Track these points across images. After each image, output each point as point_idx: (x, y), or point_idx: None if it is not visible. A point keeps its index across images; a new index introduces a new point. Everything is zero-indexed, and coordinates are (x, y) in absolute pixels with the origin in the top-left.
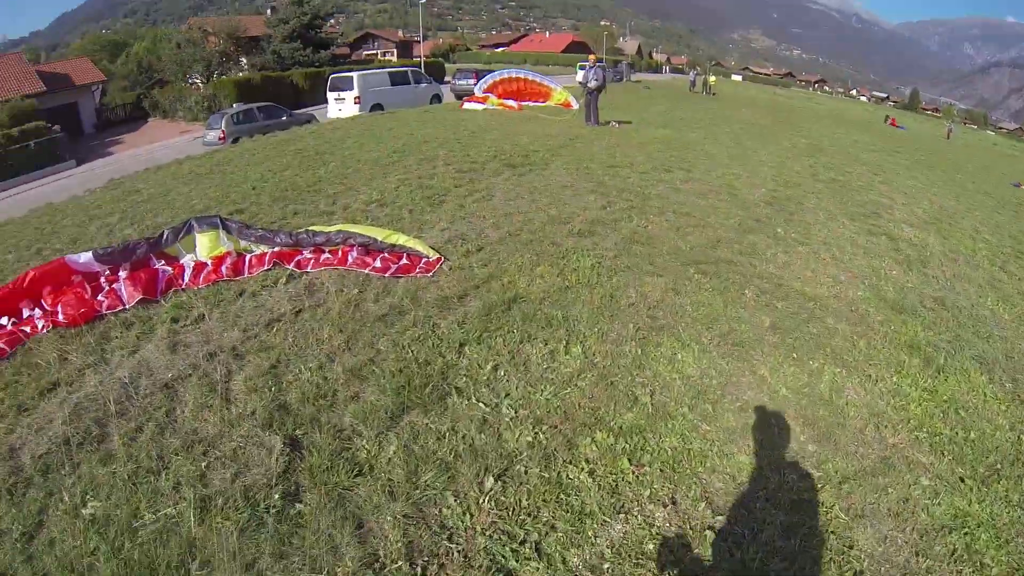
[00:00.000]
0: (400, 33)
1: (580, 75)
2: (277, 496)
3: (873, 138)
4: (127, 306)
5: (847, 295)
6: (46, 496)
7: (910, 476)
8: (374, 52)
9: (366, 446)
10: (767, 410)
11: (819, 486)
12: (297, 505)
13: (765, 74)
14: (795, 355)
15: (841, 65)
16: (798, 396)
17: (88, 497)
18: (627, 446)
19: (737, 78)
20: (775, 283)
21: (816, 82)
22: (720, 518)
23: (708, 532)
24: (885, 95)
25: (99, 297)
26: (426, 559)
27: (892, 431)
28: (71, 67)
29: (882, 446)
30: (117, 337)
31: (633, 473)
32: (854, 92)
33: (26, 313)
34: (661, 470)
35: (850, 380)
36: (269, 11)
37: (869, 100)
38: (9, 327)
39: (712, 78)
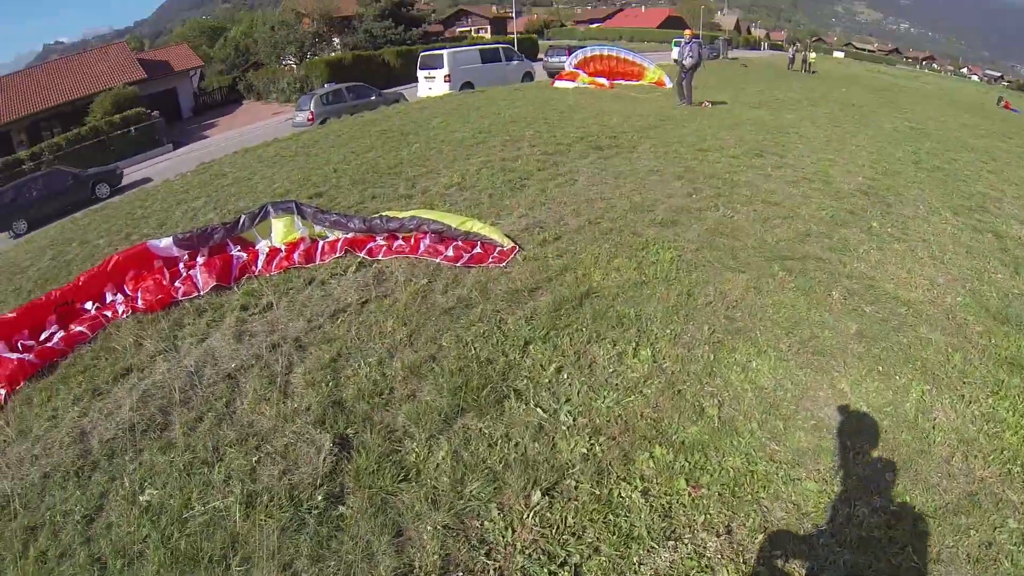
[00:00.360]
0: (494, 9)
1: (675, 52)
2: (321, 497)
3: (984, 121)
4: (201, 292)
5: (944, 301)
6: (108, 480)
7: (997, 516)
8: (467, 29)
9: (416, 449)
10: (844, 431)
11: (892, 523)
12: (339, 507)
13: (869, 50)
14: (881, 368)
15: (952, 40)
16: (880, 416)
17: (146, 484)
18: (687, 464)
19: (839, 55)
20: (866, 284)
21: (924, 59)
22: (777, 553)
23: (761, 569)
24: (999, 74)
25: (176, 284)
26: (460, 574)
27: (982, 462)
28: (171, 54)
29: (969, 479)
30: (189, 324)
31: (689, 495)
32: (964, 71)
33: (109, 298)
34: (720, 493)
35: (940, 400)
36: None
37: (981, 79)
38: (92, 311)
39: (812, 55)
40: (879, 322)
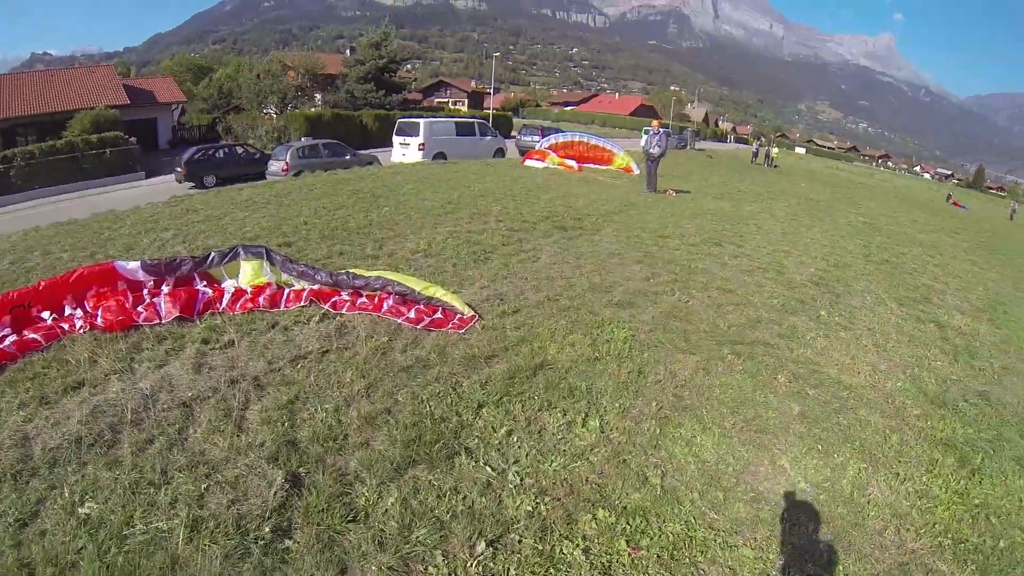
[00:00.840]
0: (473, 84)
1: (644, 140)
2: (268, 529)
3: (933, 218)
4: (163, 321)
5: (885, 386)
6: (47, 488)
7: None
8: (445, 100)
9: (366, 493)
10: (781, 503)
11: None
12: (286, 541)
13: (829, 147)
14: (820, 447)
15: (907, 139)
16: (817, 491)
17: (87, 497)
18: (628, 527)
19: (800, 150)
20: (811, 369)
21: (880, 157)
22: None
23: None
24: (949, 172)
25: (139, 308)
26: None
27: (914, 535)
28: (156, 85)
29: (900, 551)
30: (148, 349)
31: (629, 555)
32: (917, 169)
33: (68, 311)
34: (659, 556)
35: (876, 477)
36: (348, 51)
37: (933, 177)
38: (49, 322)
39: (775, 150)
40: (821, 404)
